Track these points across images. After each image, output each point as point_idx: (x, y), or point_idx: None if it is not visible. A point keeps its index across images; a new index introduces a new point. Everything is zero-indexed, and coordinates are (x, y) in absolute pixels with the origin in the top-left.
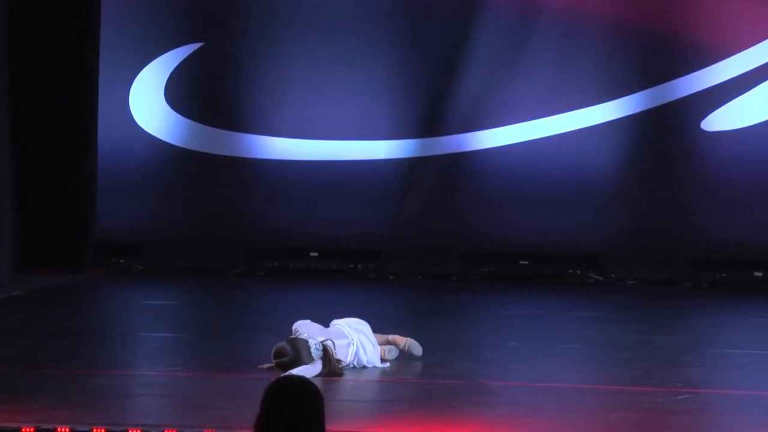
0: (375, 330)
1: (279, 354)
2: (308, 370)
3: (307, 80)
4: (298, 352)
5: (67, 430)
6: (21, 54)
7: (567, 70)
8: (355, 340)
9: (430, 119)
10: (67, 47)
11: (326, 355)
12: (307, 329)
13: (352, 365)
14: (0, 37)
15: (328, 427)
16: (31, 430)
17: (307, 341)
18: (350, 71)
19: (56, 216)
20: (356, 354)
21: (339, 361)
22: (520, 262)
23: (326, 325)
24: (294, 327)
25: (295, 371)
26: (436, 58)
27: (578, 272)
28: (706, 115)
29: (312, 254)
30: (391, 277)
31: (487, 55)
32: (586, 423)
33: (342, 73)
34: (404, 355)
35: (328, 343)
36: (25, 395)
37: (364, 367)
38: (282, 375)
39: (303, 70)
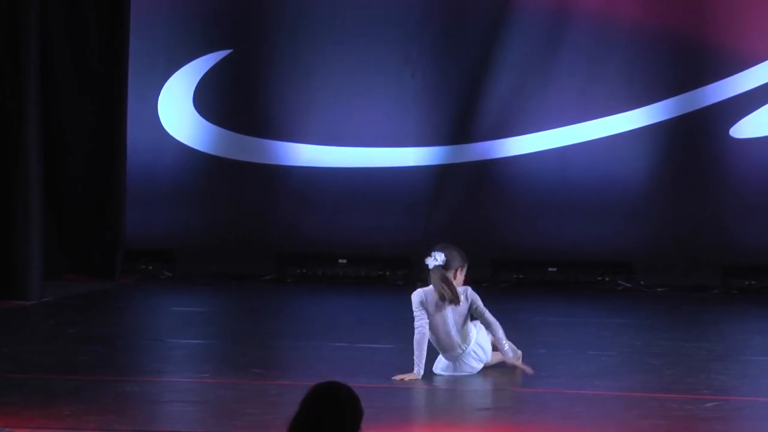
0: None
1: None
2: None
3: (337, 87)
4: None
5: None
6: (53, 63)
7: (597, 77)
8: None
9: (460, 126)
10: (98, 56)
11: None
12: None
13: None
14: (32, 46)
15: None
16: None
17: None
18: (380, 78)
19: (87, 223)
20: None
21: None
22: (549, 269)
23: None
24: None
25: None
26: (466, 66)
27: (607, 279)
28: (735, 123)
29: (341, 261)
30: (419, 284)
31: (518, 62)
32: (616, 430)
33: (371, 80)
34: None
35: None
36: (57, 401)
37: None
38: (327, 381)
39: (332, 77)
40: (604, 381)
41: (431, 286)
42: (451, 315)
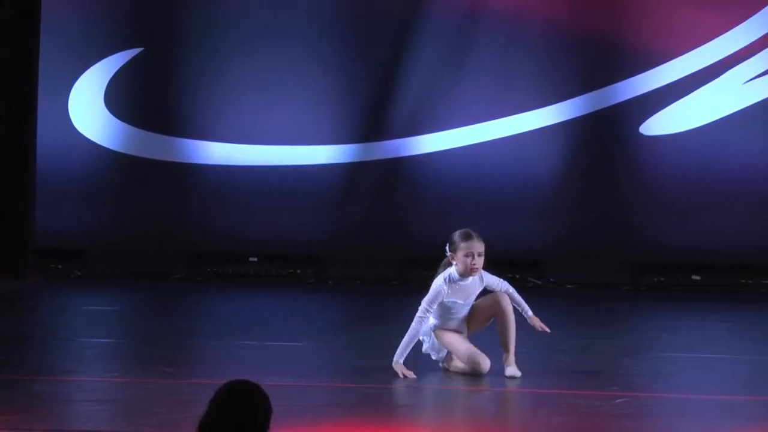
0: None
1: None
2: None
3: (249, 85)
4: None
5: None
6: None
7: (509, 74)
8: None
9: (372, 124)
10: (9, 54)
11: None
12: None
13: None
14: None
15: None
16: None
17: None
18: (292, 76)
19: None
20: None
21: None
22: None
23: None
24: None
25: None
26: (379, 63)
27: (518, 276)
28: (645, 120)
29: (251, 259)
30: (330, 282)
31: (430, 59)
32: (524, 426)
33: (284, 78)
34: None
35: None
36: None
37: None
38: (236, 379)
39: (244, 75)
40: (513, 378)
41: None
42: None
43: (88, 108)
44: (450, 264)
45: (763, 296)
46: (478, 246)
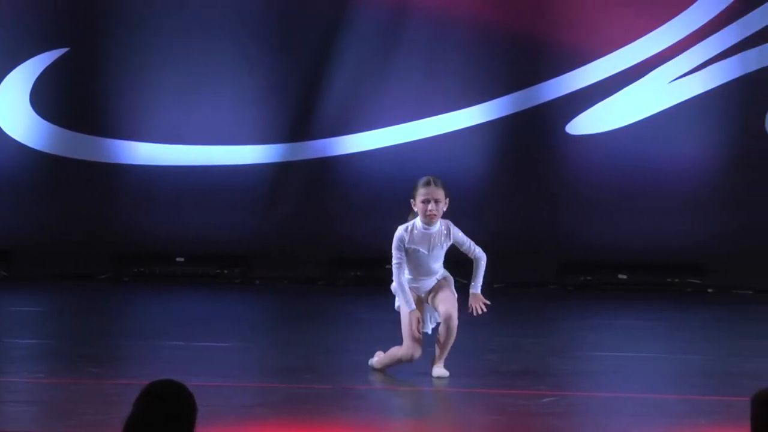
0: None
1: None
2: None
3: (175, 85)
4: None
5: None
6: None
7: (435, 74)
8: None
9: (299, 124)
10: None
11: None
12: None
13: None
14: None
15: None
16: None
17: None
18: (218, 76)
19: None
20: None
21: None
22: (387, 266)
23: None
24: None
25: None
26: (305, 63)
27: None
28: (571, 119)
29: (178, 259)
30: (257, 282)
31: (356, 59)
32: (453, 425)
33: (210, 78)
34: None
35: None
36: None
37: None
38: (161, 379)
39: (170, 75)
40: (441, 378)
41: None
42: None
43: (13, 108)
44: (417, 215)
45: (689, 295)
46: (436, 192)
